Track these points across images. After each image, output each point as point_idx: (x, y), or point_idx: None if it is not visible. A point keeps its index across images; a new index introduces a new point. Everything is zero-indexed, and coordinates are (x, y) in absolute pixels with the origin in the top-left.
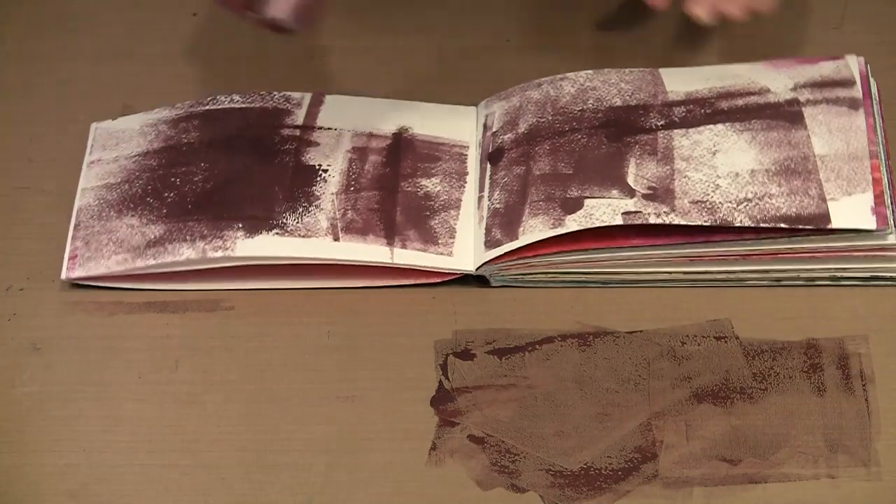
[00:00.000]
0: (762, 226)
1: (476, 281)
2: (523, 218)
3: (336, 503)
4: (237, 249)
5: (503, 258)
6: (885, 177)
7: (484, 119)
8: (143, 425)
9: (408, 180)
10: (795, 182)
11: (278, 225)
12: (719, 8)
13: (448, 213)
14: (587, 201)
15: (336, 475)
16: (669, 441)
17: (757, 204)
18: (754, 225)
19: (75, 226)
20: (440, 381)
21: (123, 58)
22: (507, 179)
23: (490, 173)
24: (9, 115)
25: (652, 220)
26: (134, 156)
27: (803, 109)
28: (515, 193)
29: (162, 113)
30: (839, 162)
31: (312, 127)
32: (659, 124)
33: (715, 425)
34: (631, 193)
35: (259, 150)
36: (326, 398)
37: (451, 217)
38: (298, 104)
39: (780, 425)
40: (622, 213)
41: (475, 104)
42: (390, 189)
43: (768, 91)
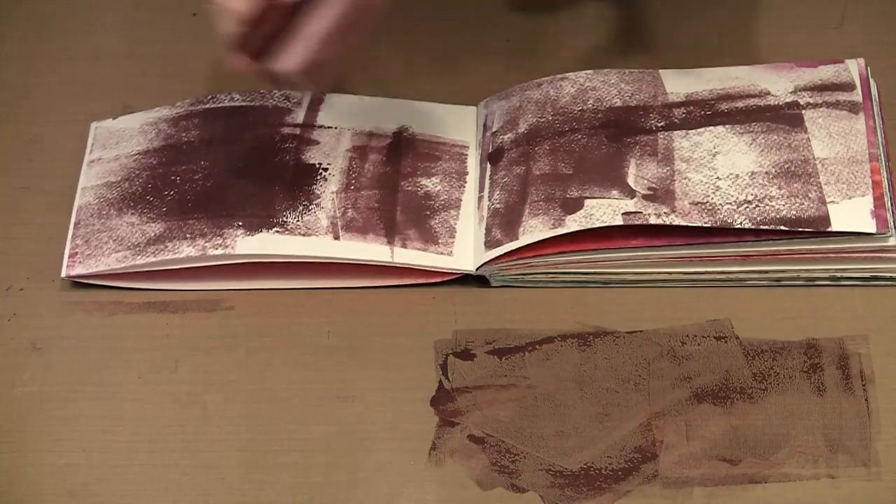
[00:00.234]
0: (762, 228)
1: (476, 281)
2: (523, 218)
3: (336, 503)
4: (237, 247)
5: (503, 258)
6: (885, 179)
7: (484, 119)
8: (143, 425)
9: (408, 180)
10: (795, 185)
11: (278, 223)
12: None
13: (448, 213)
14: (587, 201)
15: (336, 475)
16: (669, 441)
17: (757, 206)
18: (754, 227)
19: (75, 224)
20: (440, 381)
21: (123, 58)
22: (507, 179)
23: (490, 173)
24: (9, 115)
25: (652, 221)
26: (134, 154)
27: (803, 112)
28: (515, 193)
29: (162, 111)
30: (839, 165)
31: (312, 126)
32: (659, 125)
33: (715, 425)
34: (631, 194)
35: (259, 149)
36: (326, 398)
37: (451, 217)
38: (298, 103)
39: (780, 425)
40: (622, 214)
41: (475, 104)
42: (390, 188)
43: (768, 94)
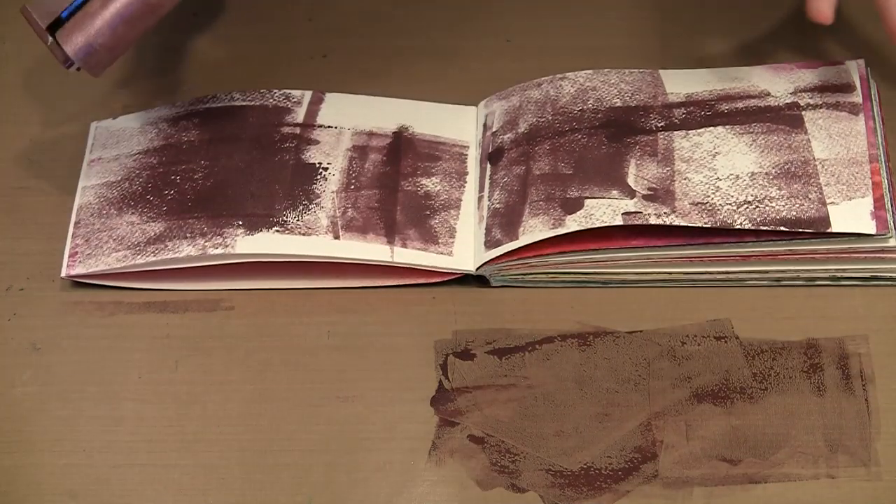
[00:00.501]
0: (762, 228)
1: (476, 281)
2: (523, 218)
3: (336, 503)
4: (237, 247)
5: (503, 258)
6: (886, 180)
7: (484, 119)
8: (143, 425)
9: (408, 179)
10: (795, 185)
11: (278, 223)
12: None
13: (448, 213)
14: (587, 201)
15: (336, 475)
16: (669, 441)
17: (757, 207)
18: (754, 227)
19: (76, 224)
20: (440, 381)
21: (123, 58)
22: (507, 179)
23: (490, 173)
24: (9, 115)
25: (652, 221)
26: (134, 154)
27: (803, 113)
28: (515, 193)
29: (162, 111)
30: (839, 166)
31: (312, 125)
32: (659, 125)
33: (715, 425)
34: (631, 194)
35: (259, 148)
36: (326, 398)
37: (452, 217)
38: (298, 102)
39: (780, 425)
40: (622, 214)
41: (475, 104)
42: (391, 188)
43: (768, 94)
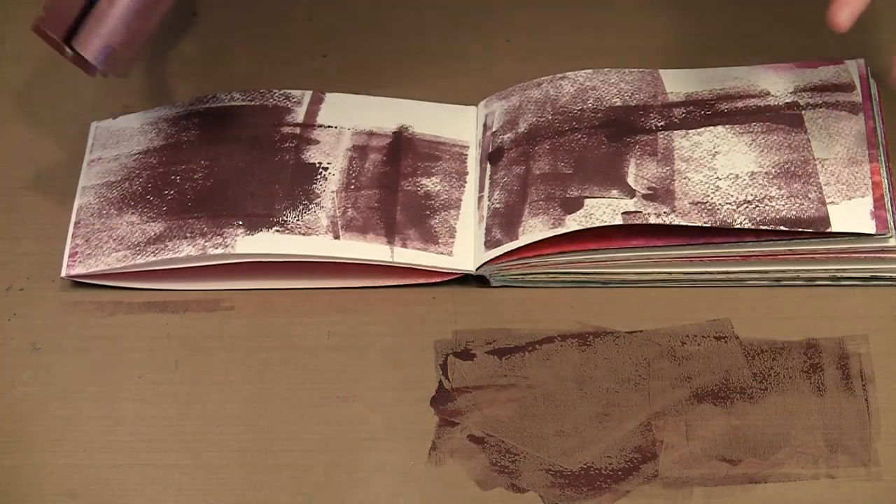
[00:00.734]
0: (762, 228)
1: (476, 281)
2: (523, 218)
3: (336, 503)
4: (237, 247)
5: (503, 258)
6: (885, 180)
7: (484, 119)
8: (143, 425)
9: (408, 179)
10: (795, 185)
11: (278, 222)
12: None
13: (448, 213)
14: (587, 201)
15: (336, 475)
16: (669, 441)
17: (757, 206)
18: (754, 227)
19: (76, 224)
20: (440, 381)
21: None
22: (507, 179)
23: (490, 173)
24: (9, 115)
25: (652, 221)
26: (134, 154)
27: (803, 113)
28: (515, 193)
29: (162, 111)
30: (839, 166)
31: (313, 125)
32: (659, 125)
33: (715, 425)
34: (631, 193)
35: (259, 148)
36: (326, 398)
37: (451, 217)
38: (298, 102)
39: (780, 425)
40: (622, 213)
41: (475, 104)
42: (391, 188)
43: (768, 94)
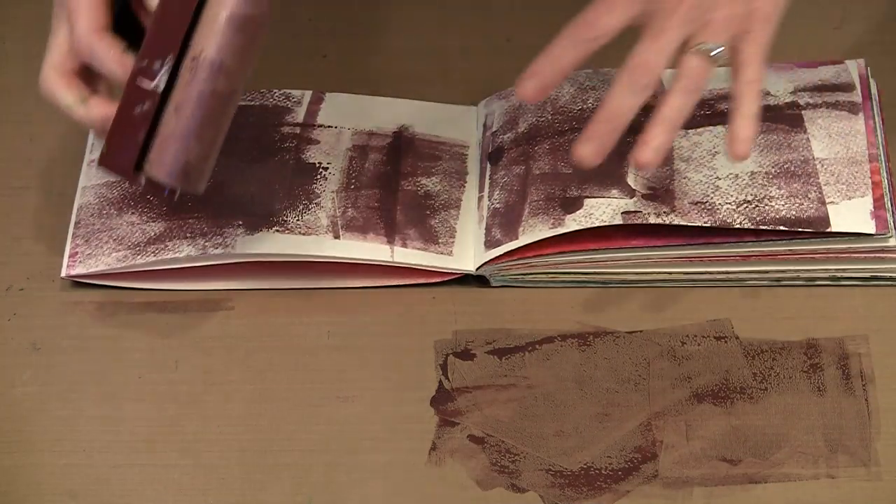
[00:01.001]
0: (762, 228)
1: (476, 281)
2: (523, 218)
3: (336, 503)
4: (237, 246)
5: (503, 258)
6: (885, 180)
7: (484, 119)
8: (143, 425)
9: (408, 179)
10: (795, 185)
11: (278, 222)
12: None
13: (448, 213)
14: (587, 201)
15: (336, 475)
16: (669, 441)
17: (756, 206)
18: (753, 227)
19: (76, 224)
20: (440, 381)
21: None
22: (507, 179)
23: (490, 173)
24: (9, 115)
25: (652, 220)
26: None
27: (803, 113)
28: (515, 193)
29: None
30: (839, 166)
31: (313, 125)
32: None
33: (715, 425)
34: (630, 193)
35: (259, 148)
36: (326, 398)
37: (452, 217)
38: (298, 102)
39: (780, 425)
40: (622, 213)
41: (475, 104)
42: (391, 188)
43: (768, 94)
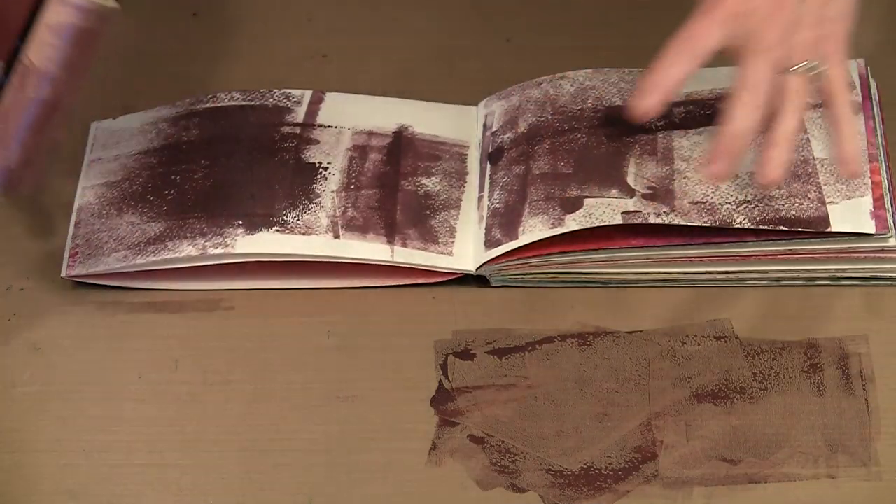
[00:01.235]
0: (762, 228)
1: (476, 281)
2: (523, 217)
3: (336, 503)
4: (237, 246)
5: (503, 258)
6: (885, 180)
7: (484, 119)
8: (143, 425)
9: (408, 179)
10: (795, 185)
11: (278, 222)
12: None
13: (448, 213)
14: (587, 200)
15: (336, 475)
16: (669, 441)
17: (756, 206)
18: (753, 227)
19: (76, 224)
20: (440, 381)
21: (123, 58)
22: (507, 179)
23: (490, 173)
24: None
25: (652, 220)
26: (134, 154)
27: None
28: (515, 193)
29: (162, 111)
30: None
31: (313, 125)
32: (658, 124)
33: (715, 425)
34: (630, 193)
35: (259, 148)
36: (326, 398)
37: (452, 217)
38: (298, 102)
39: (780, 425)
40: (622, 213)
41: (475, 104)
42: (391, 187)
43: None
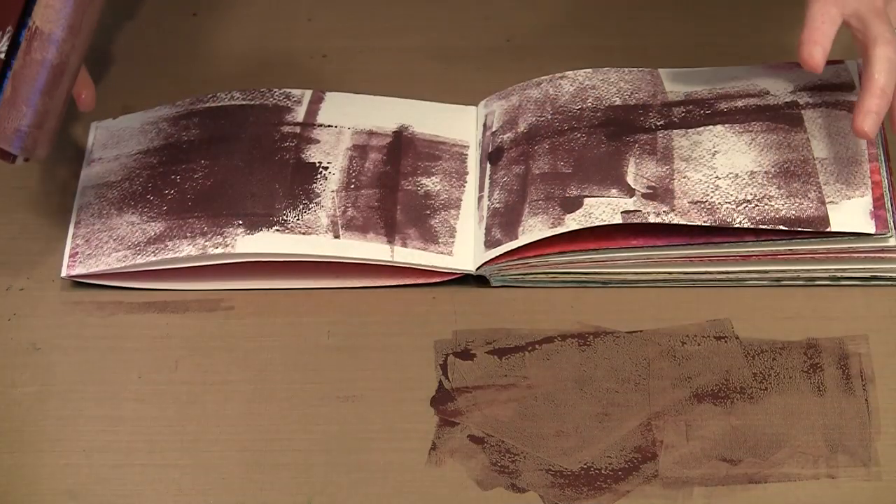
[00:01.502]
0: (761, 227)
1: (476, 281)
2: (523, 217)
3: (336, 503)
4: (237, 246)
5: (503, 258)
6: (885, 180)
7: (484, 119)
8: (143, 425)
9: (408, 179)
10: (795, 185)
11: (279, 222)
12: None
13: (448, 213)
14: (587, 200)
15: (336, 475)
16: (669, 441)
17: (756, 205)
18: (753, 226)
19: (76, 224)
20: (440, 381)
21: (123, 58)
22: (507, 179)
23: (490, 173)
24: None
25: (651, 220)
26: (134, 154)
27: (802, 112)
28: (515, 193)
29: (162, 111)
30: (838, 165)
31: (313, 124)
32: (658, 124)
33: (715, 425)
34: (630, 193)
35: (259, 148)
36: (326, 398)
37: (452, 217)
38: (299, 101)
39: (780, 425)
40: (622, 212)
41: (475, 104)
42: (391, 187)
43: (768, 93)
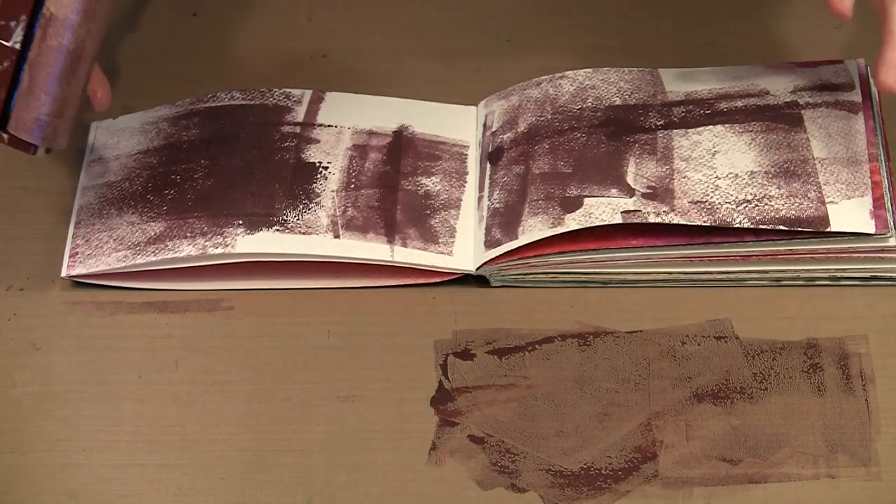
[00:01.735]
0: (761, 227)
1: (476, 281)
2: (523, 217)
3: (336, 503)
4: (237, 246)
5: (503, 258)
6: (885, 180)
7: (484, 118)
8: (143, 425)
9: (408, 179)
10: (795, 184)
11: (278, 222)
12: None
13: (448, 213)
14: (587, 200)
15: (336, 475)
16: (669, 441)
17: (756, 205)
18: (753, 226)
19: (76, 224)
20: (440, 381)
21: (123, 58)
22: (507, 179)
23: (490, 173)
24: None
25: (651, 220)
26: (134, 154)
27: (802, 112)
28: (515, 193)
29: (162, 111)
30: (838, 165)
31: (313, 124)
32: (658, 124)
33: (715, 425)
34: (630, 193)
35: (259, 147)
36: (326, 398)
37: (452, 217)
38: (299, 101)
39: (780, 425)
40: (621, 212)
41: (475, 104)
42: (391, 187)
43: (768, 93)
